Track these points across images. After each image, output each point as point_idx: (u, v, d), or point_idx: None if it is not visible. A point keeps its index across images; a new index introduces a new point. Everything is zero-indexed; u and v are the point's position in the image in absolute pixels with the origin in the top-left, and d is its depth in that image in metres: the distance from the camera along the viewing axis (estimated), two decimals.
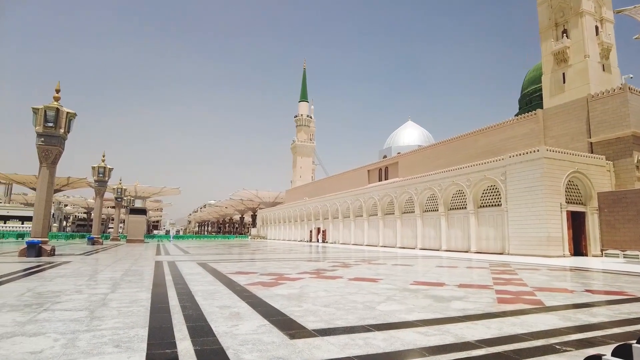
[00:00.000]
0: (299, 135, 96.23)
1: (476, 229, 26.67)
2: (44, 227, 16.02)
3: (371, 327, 4.52)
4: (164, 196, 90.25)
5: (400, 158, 44.75)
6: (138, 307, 5.52)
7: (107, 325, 4.41)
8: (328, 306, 5.76)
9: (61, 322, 4.49)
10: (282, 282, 8.55)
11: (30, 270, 10.44)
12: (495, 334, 4.30)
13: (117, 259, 15.54)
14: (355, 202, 42.12)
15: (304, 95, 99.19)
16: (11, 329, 4.17)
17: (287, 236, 61.84)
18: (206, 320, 4.74)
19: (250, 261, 15.99)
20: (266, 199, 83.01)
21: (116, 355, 3.35)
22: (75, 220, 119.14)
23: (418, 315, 5.24)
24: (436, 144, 39.16)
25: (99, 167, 31.77)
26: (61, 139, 16.51)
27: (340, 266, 13.36)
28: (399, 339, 4.00)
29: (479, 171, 26.46)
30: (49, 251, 15.75)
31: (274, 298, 6.40)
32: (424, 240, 31.69)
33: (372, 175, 49.35)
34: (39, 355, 3.31)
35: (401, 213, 34.87)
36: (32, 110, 16.08)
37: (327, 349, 3.59)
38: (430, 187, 30.97)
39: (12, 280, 8.25)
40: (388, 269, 12.88)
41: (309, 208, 54.27)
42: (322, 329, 4.35)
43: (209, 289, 7.39)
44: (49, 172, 16.28)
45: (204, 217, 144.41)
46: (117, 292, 6.84)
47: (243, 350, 3.54)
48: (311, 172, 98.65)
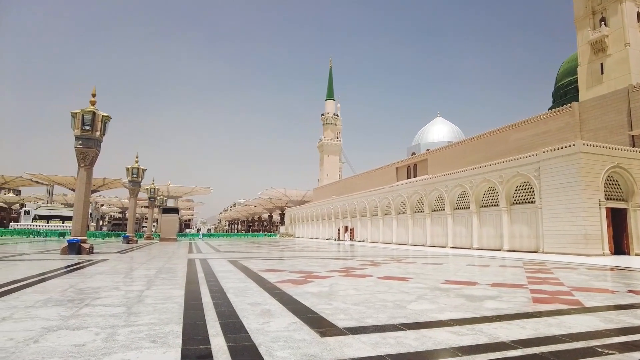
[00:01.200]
0: (325, 133, 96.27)
1: (509, 227, 25.95)
2: (82, 227, 16.70)
3: (402, 326, 4.49)
4: (195, 195, 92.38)
5: (430, 155, 44.07)
6: (172, 303, 5.68)
7: (144, 320, 4.56)
8: (358, 304, 5.75)
9: (101, 317, 4.68)
10: (312, 280, 8.59)
11: (71, 267, 10.91)
12: (530, 334, 4.18)
13: (151, 257, 16.03)
14: (384, 200, 41.79)
15: (330, 93, 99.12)
16: (56, 322, 4.38)
17: (314, 234, 62.06)
18: (238, 317, 4.83)
19: (279, 259, 16.14)
20: (294, 197, 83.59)
21: (153, 349, 3.46)
22: (111, 220, 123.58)
23: (450, 314, 5.16)
24: (466, 140, 38.34)
25: (132, 168, 32.80)
26: (97, 141, 17.14)
27: (369, 265, 13.30)
28: (430, 338, 3.95)
29: (511, 167, 25.72)
30: (88, 249, 16.41)
31: (304, 296, 6.45)
32: (454, 239, 31.12)
33: (400, 172, 48.82)
34: (82, 348, 3.47)
35: (431, 211, 34.35)
36: (70, 114, 16.79)
37: (358, 347, 3.59)
38: (460, 184, 30.35)
39: (56, 277, 8.65)
40: (418, 267, 12.73)
41: (337, 206, 54.25)
42: (353, 327, 4.35)
43: (240, 286, 7.52)
44: (86, 174, 16.94)
45: (234, 215, 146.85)
46: (152, 289, 7.05)
47: (275, 347, 3.58)
48: (338, 171, 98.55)
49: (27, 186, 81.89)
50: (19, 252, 17.35)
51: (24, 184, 78.36)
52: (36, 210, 67.48)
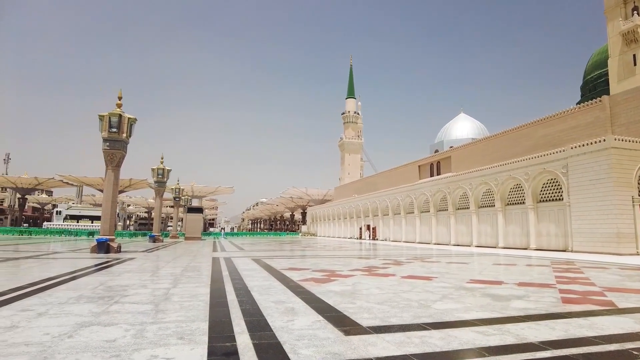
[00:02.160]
0: (346, 132, 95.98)
1: (535, 225, 25.32)
2: (110, 226, 17.18)
3: (427, 325, 4.44)
4: (218, 195, 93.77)
5: (453, 152, 43.38)
6: (198, 301, 5.79)
7: (171, 318, 4.66)
8: (382, 304, 5.72)
9: (130, 314, 4.81)
10: (334, 279, 8.60)
11: (100, 265, 11.24)
12: (560, 335, 4.07)
13: (176, 255, 16.36)
14: (406, 199, 41.40)
15: (350, 91, 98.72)
16: (88, 318, 4.53)
17: (336, 233, 62.04)
18: (262, 315, 4.88)
19: (302, 258, 16.22)
20: (315, 196, 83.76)
21: (180, 346, 3.54)
22: (137, 219, 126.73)
23: (476, 314, 5.07)
24: (491, 137, 37.55)
25: (158, 169, 33.52)
26: (124, 143, 17.59)
27: (392, 264, 13.22)
28: (456, 338, 3.90)
29: (537, 164, 25.08)
30: (116, 248, 16.87)
31: (327, 294, 6.46)
32: (479, 237, 30.57)
33: (423, 170, 48.25)
34: (113, 343, 3.58)
35: (455, 209, 33.84)
36: (98, 117, 17.28)
37: (382, 347, 3.58)
38: (485, 181, 29.79)
39: (86, 275, 8.94)
40: (442, 266, 12.57)
41: (358, 205, 54.08)
42: (377, 326, 4.34)
43: (264, 285, 7.59)
44: (113, 175, 17.41)
45: (256, 214, 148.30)
46: (178, 287, 7.20)
47: (299, 345, 3.61)
48: (359, 169, 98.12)
49: (58, 187, 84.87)
50: (52, 251, 17.99)
51: (55, 185, 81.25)
52: (67, 211, 69.81)
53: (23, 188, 73.47)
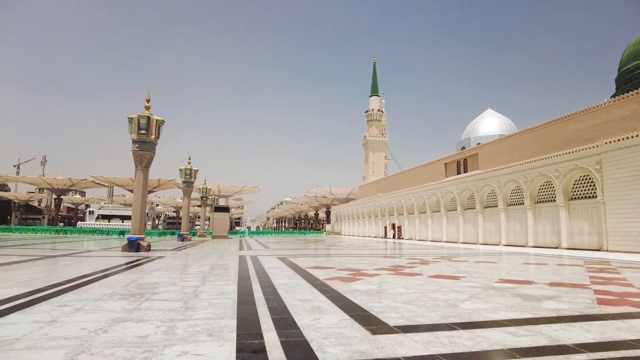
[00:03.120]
0: (370, 130, 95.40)
1: (567, 223, 24.52)
2: (140, 225, 17.66)
3: (455, 325, 4.38)
4: (244, 194, 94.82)
5: (480, 149, 42.46)
6: (226, 299, 5.89)
7: (200, 315, 4.76)
8: (408, 303, 5.68)
9: (160, 311, 4.94)
10: (360, 278, 8.58)
11: (131, 264, 11.58)
12: (596, 338, 3.93)
13: (204, 254, 16.67)
14: (432, 197, 40.85)
15: (374, 89, 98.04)
16: (121, 315, 4.68)
17: (361, 232, 61.81)
18: (289, 312, 4.92)
19: (327, 256, 16.24)
20: (339, 195, 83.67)
21: (209, 343, 3.61)
22: (166, 219, 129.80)
23: (505, 314, 4.97)
24: (520, 133, 36.52)
25: (185, 169, 34.22)
26: (152, 144, 18.04)
27: (418, 263, 13.08)
28: (485, 339, 3.83)
29: (569, 160, 24.28)
30: (146, 247, 17.33)
31: (353, 293, 6.46)
32: (508, 236, 29.86)
33: (449, 168, 47.44)
34: (145, 339, 3.69)
35: (483, 207, 33.15)
36: (127, 119, 17.78)
37: (410, 346, 3.55)
38: (514, 179, 29.05)
39: (118, 273, 9.23)
40: (470, 266, 12.35)
41: (383, 204, 53.70)
42: (404, 326, 4.31)
43: (290, 283, 7.65)
44: (143, 175, 17.88)
45: (281, 213, 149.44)
46: (207, 285, 7.34)
47: (326, 343, 3.62)
48: (384, 167, 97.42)
49: (90, 188, 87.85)
50: (85, 249, 18.65)
51: (88, 186, 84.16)
52: (99, 210, 72.24)
53: (58, 189, 76.42)
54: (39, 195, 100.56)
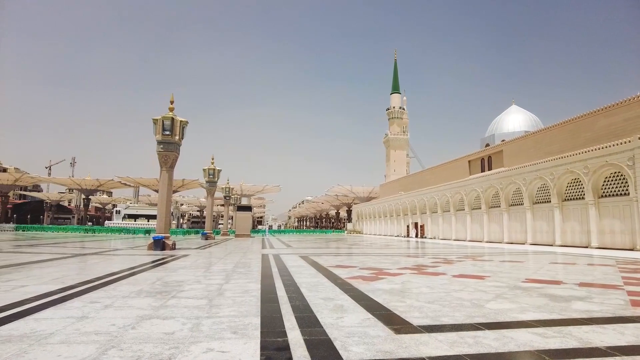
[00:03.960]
0: (391, 128, 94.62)
1: (597, 222, 23.74)
2: (166, 224, 18.02)
3: (481, 325, 4.30)
4: (266, 194, 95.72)
5: (505, 146, 41.56)
6: (250, 297, 5.95)
7: (224, 313, 4.83)
8: (432, 303, 5.61)
9: (186, 309, 5.03)
10: (383, 277, 8.53)
11: (157, 262, 11.83)
12: (631, 341, 3.79)
13: (227, 252, 16.89)
14: (456, 195, 40.24)
15: (395, 86, 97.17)
16: (148, 312, 4.79)
17: (382, 231, 61.44)
18: (312, 311, 4.94)
19: (348, 255, 16.21)
20: (360, 194, 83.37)
21: (234, 340, 3.66)
22: (190, 218, 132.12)
23: (533, 314, 4.85)
24: (546, 129, 35.56)
25: (209, 169, 34.73)
26: (177, 145, 18.37)
27: (442, 262, 12.91)
28: (512, 339, 3.75)
29: (599, 156, 23.49)
30: (171, 245, 17.68)
31: (376, 292, 6.42)
32: (534, 235, 29.14)
33: (473, 165, 46.62)
34: (172, 335, 3.76)
35: (508, 205, 32.46)
36: (152, 121, 18.17)
37: (434, 346, 3.51)
38: (540, 176, 28.33)
39: (144, 271, 9.45)
40: (495, 265, 12.12)
41: (405, 202, 53.22)
42: (428, 325, 4.26)
43: (312, 281, 7.67)
44: (168, 175, 18.23)
45: (302, 212, 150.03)
46: (230, 283, 7.44)
47: (350, 342, 3.62)
48: (406, 166, 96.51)
49: (117, 188, 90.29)
50: (113, 248, 19.16)
51: (114, 186, 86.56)
52: (125, 210, 73.98)
53: (87, 189, 78.83)
54: (68, 195, 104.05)
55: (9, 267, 9.54)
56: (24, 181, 79.09)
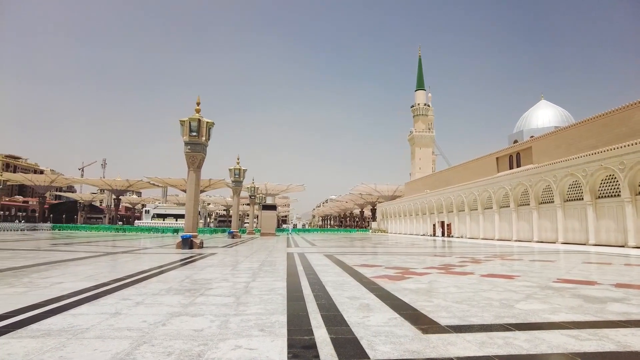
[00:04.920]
0: (416, 125, 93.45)
1: (635, 220, 22.78)
2: (194, 223, 18.37)
3: (510, 326, 4.21)
4: (290, 193, 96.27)
5: (534, 142, 40.38)
6: (276, 295, 6.01)
7: (251, 310, 4.89)
8: (460, 302, 5.52)
9: (214, 306, 5.12)
10: (409, 277, 8.45)
11: (185, 260, 12.09)
12: None
13: (253, 250, 17.10)
14: (484, 193, 39.41)
15: (420, 83, 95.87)
16: (178, 309, 4.90)
17: (408, 230, 60.79)
18: (338, 310, 4.94)
19: (373, 254, 16.13)
20: (385, 192, 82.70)
21: (262, 338, 3.70)
22: (217, 217, 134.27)
23: (565, 316, 4.70)
24: (578, 124, 34.33)
25: (234, 169, 35.21)
26: (203, 146, 18.71)
27: (469, 262, 12.67)
28: (544, 341, 3.65)
29: (636, 152, 22.52)
30: (199, 244, 18.02)
31: (402, 292, 6.37)
32: (565, 234, 28.22)
33: (501, 162, 45.52)
34: (201, 332, 3.84)
35: (537, 203, 31.56)
36: (179, 122, 18.56)
37: (463, 346, 3.46)
38: (572, 173, 27.39)
39: (173, 269, 9.68)
40: (525, 264, 11.81)
41: (431, 201, 52.49)
42: (456, 326, 4.20)
43: (338, 280, 7.67)
44: (195, 176, 18.59)
45: (326, 211, 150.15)
46: (257, 281, 7.53)
47: (376, 341, 3.60)
48: (431, 163, 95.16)
49: (146, 188, 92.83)
50: (142, 247, 19.69)
51: (143, 187, 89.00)
52: (154, 210, 75.82)
53: (117, 189, 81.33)
54: (100, 195, 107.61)
55: (47, 264, 9.96)
56: (59, 182, 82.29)
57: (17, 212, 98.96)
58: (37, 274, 7.93)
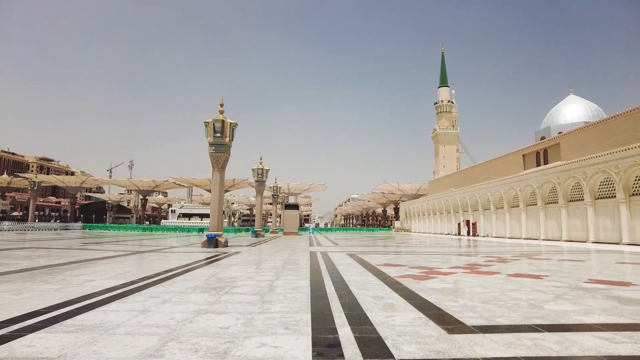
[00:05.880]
0: (440, 122, 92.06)
1: None
2: (218, 223, 18.67)
3: (539, 327, 4.10)
4: (312, 192, 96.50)
5: (562, 138, 39.19)
6: (300, 293, 6.04)
7: (276, 309, 4.94)
8: (487, 302, 5.42)
9: (239, 304, 5.20)
10: (434, 276, 8.35)
11: (210, 259, 12.30)
12: None
13: (276, 249, 17.24)
14: (510, 191, 38.52)
15: (443, 80, 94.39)
16: (204, 307, 5.00)
17: (432, 229, 60.01)
18: (362, 309, 4.93)
19: (397, 254, 16.01)
20: (408, 191, 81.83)
21: (286, 336, 3.74)
22: (241, 216, 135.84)
23: (598, 317, 4.55)
24: (609, 118, 33.09)
25: (257, 169, 35.60)
26: (227, 146, 18.99)
27: (495, 261, 12.42)
28: (575, 343, 3.54)
29: None
30: (223, 243, 18.30)
31: (427, 292, 6.30)
32: (597, 232, 27.29)
33: (528, 160, 44.37)
34: (227, 330, 3.91)
35: (566, 201, 30.63)
36: (204, 123, 18.88)
37: (490, 347, 3.39)
38: (603, 169, 26.45)
39: (199, 267, 9.86)
40: (553, 264, 11.49)
41: (456, 199, 51.67)
42: (483, 326, 4.12)
43: (361, 279, 7.66)
44: (219, 176, 18.89)
45: (349, 210, 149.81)
46: (281, 280, 7.59)
47: (401, 341, 3.58)
48: (456, 161, 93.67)
49: (172, 189, 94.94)
50: (169, 246, 20.12)
51: (169, 187, 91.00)
52: (180, 209, 77.28)
53: (144, 190, 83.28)
54: (127, 196, 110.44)
55: (79, 262, 10.32)
56: (89, 183, 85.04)
57: (51, 212, 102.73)
58: (69, 272, 8.22)
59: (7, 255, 12.54)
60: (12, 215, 79.81)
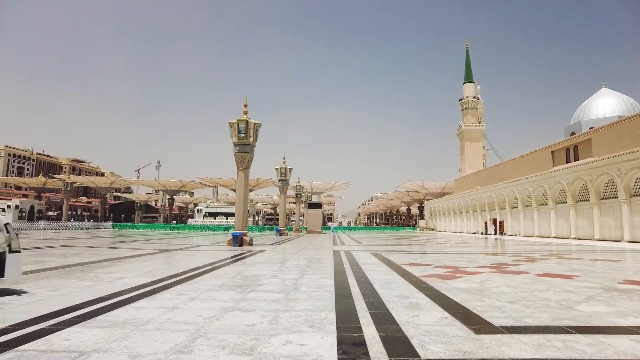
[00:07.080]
0: (465, 119, 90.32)
1: None
2: (243, 222, 18.92)
3: (570, 328, 3.99)
4: (335, 191, 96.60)
5: (594, 134, 37.82)
6: (324, 292, 6.07)
7: (301, 307, 4.97)
8: (514, 303, 5.30)
9: (265, 302, 5.26)
10: (460, 276, 8.22)
11: (236, 257, 12.48)
12: None
13: (300, 248, 17.33)
14: (539, 189, 37.48)
15: (468, 75, 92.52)
16: (231, 304, 5.08)
17: (457, 228, 59.01)
18: (387, 308, 4.91)
19: (422, 253, 15.84)
20: (432, 189, 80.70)
21: (311, 334, 3.76)
22: (265, 215, 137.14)
23: (635, 320, 4.39)
24: None
25: (281, 169, 35.88)
26: (251, 146, 19.21)
27: (523, 260, 12.13)
28: (610, 346, 3.42)
29: None
30: (248, 241, 18.54)
31: (453, 291, 6.22)
32: (632, 231, 26.23)
33: (557, 156, 43.04)
34: (253, 327, 3.97)
35: (598, 199, 29.57)
36: (228, 124, 19.16)
37: (518, 348, 3.33)
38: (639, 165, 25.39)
39: (225, 265, 10.02)
40: (585, 264, 11.12)
41: (482, 197, 50.64)
42: (511, 326, 4.04)
43: (386, 279, 7.62)
44: (244, 175, 19.13)
45: (372, 209, 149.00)
46: (305, 278, 7.63)
47: (427, 340, 3.55)
48: (482, 158, 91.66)
49: (198, 188, 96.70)
50: (195, 244, 20.53)
51: (195, 187, 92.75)
52: (206, 209, 78.60)
53: (171, 190, 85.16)
54: (155, 196, 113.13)
55: (110, 260, 10.66)
56: (118, 184, 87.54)
57: (82, 212, 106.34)
58: (101, 270, 8.51)
59: (43, 253, 13.07)
60: (48, 215, 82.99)
